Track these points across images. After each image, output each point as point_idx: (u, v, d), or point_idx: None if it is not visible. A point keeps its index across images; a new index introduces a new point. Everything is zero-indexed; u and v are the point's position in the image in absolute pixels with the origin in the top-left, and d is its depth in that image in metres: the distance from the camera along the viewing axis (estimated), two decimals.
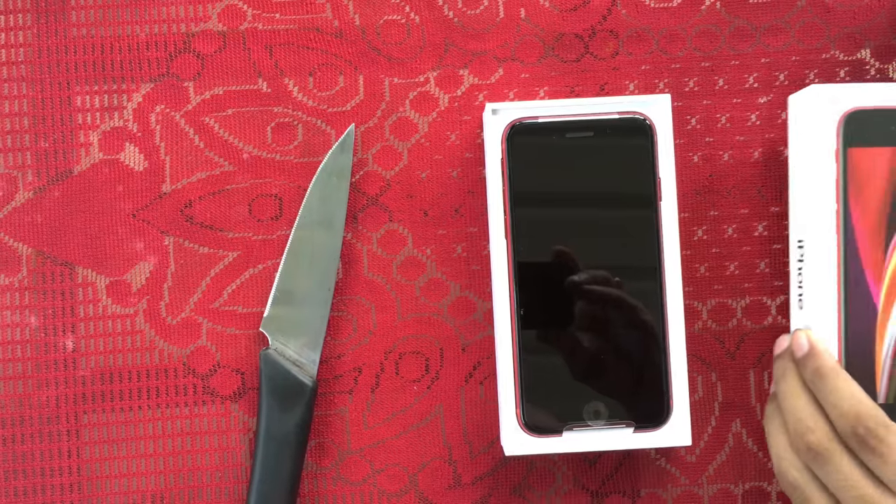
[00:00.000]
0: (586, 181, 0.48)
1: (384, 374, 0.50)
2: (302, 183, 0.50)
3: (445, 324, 0.50)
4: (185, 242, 0.50)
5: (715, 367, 0.51)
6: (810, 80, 0.51)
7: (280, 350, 0.49)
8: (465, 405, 0.50)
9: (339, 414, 0.50)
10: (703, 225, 0.51)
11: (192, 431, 0.50)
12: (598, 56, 0.51)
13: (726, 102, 0.51)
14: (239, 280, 0.50)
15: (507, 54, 0.51)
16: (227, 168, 0.51)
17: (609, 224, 0.48)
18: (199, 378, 0.50)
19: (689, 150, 0.51)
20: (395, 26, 0.51)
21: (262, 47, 0.51)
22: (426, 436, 0.50)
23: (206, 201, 0.50)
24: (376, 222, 0.51)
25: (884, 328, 0.45)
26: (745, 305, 0.51)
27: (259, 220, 0.50)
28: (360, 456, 0.50)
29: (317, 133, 0.51)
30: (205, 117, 0.51)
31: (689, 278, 0.51)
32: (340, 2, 0.51)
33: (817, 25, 0.51)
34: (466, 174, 0.51)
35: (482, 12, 0.51)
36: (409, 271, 0.51)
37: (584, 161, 0.48)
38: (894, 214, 0.45)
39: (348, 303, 0.50)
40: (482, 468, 0.50)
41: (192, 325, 0.50)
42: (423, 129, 0.51)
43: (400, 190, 0.51)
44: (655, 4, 0.51)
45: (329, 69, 0.51)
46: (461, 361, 0.50)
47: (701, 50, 0.51)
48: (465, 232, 0.51)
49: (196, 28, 0.51)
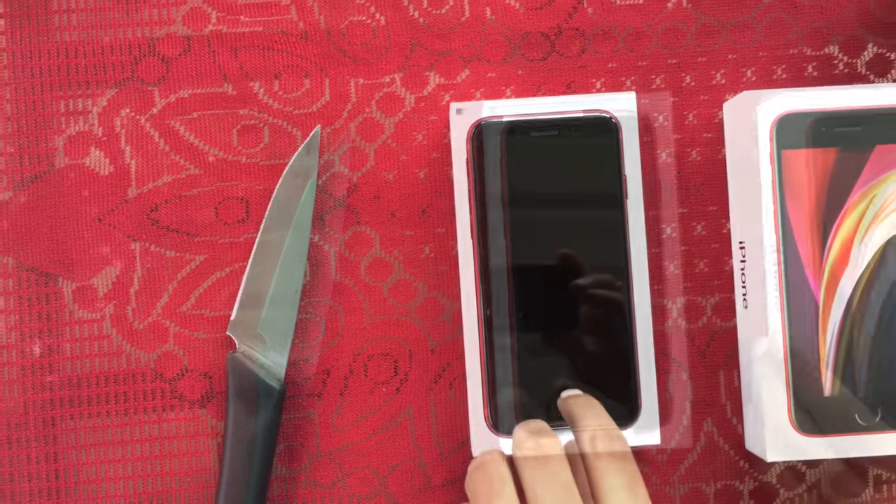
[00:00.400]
0: (552, 180, 0.48)
1: (353, 376, 0.50)
2: (268, 185, 0.50)
3: (414, 325, 0.50)
4: (152, 246, 0.50)
5: (686, 365, 0.50)
6: (778, 76, 0.51)
7: (247, 353, 0.49)
8: (435, 406, 0.50)
9: (308, 417, 0.50)
10: (672, 223, 0.51)
11: (160, 436, 0.50)
12: (565, 54, 0.51)
13: (693, 99, 0.51)
14: (206, 283, 0.50)
15: (473, 54, 0.51)
16: (193, 171, 0.50)
17: (576, 223, 0.48)
18: (167, 382, 0.50)
19: (657, 148, 0.51)
20: (361, 27, 0.51)
21: (227, 50, 0.51)
22: (396, 438, 0.50)
23: (172, 205, 0.50)
24: (343, 224, 0.50)
25: (825, 324, 0.46)
26: (714, 303, 0.50)
27: (225, 223, 0.50)
28: (330, 459, 0.50)
29: (283, 135, 0.50)
30: (170, 121, 0.50)
31: (659, 276, 0.50)
32: (305, 3, 0.51)
33: (784, 21, 0.51)
34: (433, 175, 0.51)
35: (447, 12, 0.51)
36: (377, 273, 0.50)
37: (550, 160, 0.48)
38: (829, 213, 0.46)
39: (316, 305, 0.50)
40: (453, 470, 0.50)
41: (159, 329, 0.50)
42: (389, 130, 0.51)
43: (367, 191, 0.51)
44: (621, 2, 0.51)
45: (294, 71, 0.51)
46: (430, 363, 0.50)
47: (667, 47, 0.51)
48: (432, 232, 0.50)
49: (160, 31, 0.51)
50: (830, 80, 0.51)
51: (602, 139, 0.48)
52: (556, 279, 0.47)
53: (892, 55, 0.51)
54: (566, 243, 0.47)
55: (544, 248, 0.48)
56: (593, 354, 0.47)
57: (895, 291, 0.46)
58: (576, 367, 0.47)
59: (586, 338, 0.47)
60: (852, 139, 0.47)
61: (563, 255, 0.47)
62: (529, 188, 0.48)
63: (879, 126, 0.47)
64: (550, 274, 0.47)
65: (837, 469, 0.50)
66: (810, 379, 0.46)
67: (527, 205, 0.48)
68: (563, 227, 0.48)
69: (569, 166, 0.48)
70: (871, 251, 0.46)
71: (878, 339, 0.46)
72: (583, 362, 0.47)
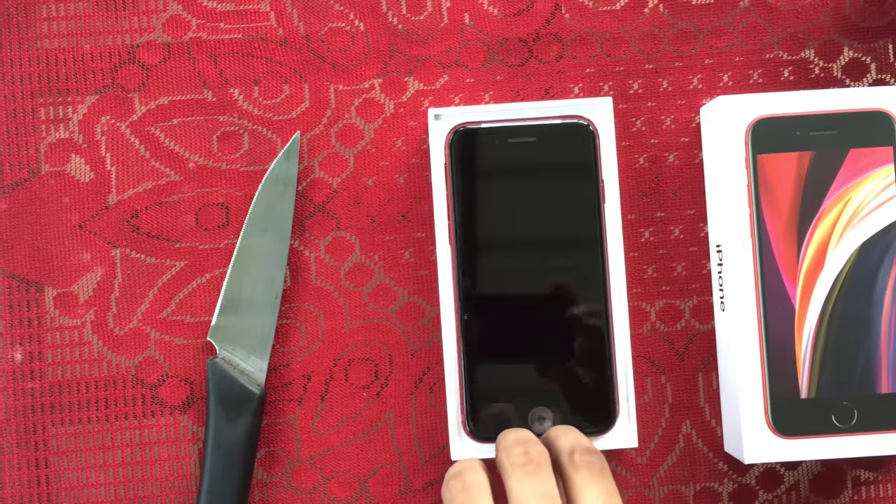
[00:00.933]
0: (530, 185, 0.48)
1: (333, 381, 0.50)
2: (248, 191, 0.50)
3: (394, 329, 0.51)
4: (132, 253, 0.50)
5: (664, 368, 0.51)
6: (754, 81, 0.51)
7: (227, 359, 0.49)
8: (415, 411, 0.50)
9: (289, 422, 0.50)
10: (650, 227, 0.51)
11: (141, 442, 0.50)
12: (543, 60, 0.51)
13: (671, 104, 0.51)
14: (186, 289, 0.50)
15: (452, 59, 0.51)
16: (174, 178, 0.51)
17: (553, 228, 0.48)
18: (148, 388, 0.50)
19: (635, 153, 0.51)
20: (340, 33, 0.51)
21: (207, 57, 0.51)
22: (376, 442, 0.50)
23: (152, 211, 0.50)
24: (323, 229, 0.51)
25: (801, 326, 0.46)
26: (692, 306, 0.51)
27: (206, 229, 0.50)
28: (311, 464, 0.50)
29: (263, 141, 0.51)
30: (150, 127, 0.51)
31: (637, 280, 0.51)
32: (285, 10, 0.51)
33: (760, 25, 0.51)
34: (413, 180, 0.51)
35: (426, 18, 0.51)
36: (358, 278, 0.51)
37: (528, 165, 0.48)
38: (804, 215, 0.47)
39: (297, 310, 0.50)
40: (433, 473, 0.50)
41: (139, 335, 0.50)
42: (368, 136, 0.51)
43: (347, 197, 0.51)
44: (599, 8, 0.51)
45: (274, 77, 0.51)
46: (410, 367, 0.50)
47: (645, 52, 0.51)
48: (412, 237, 0.51)
49: (140, 39, 0.51)
50: (807, 84, 0.51)
51: (579, 144, 0.48)
52: (534, 284, 0.47)
53: (867, 59, 0.51)
54: (544, 248, 0.48)
55: (522, 252, 0.48)
56: (570, 359, 0.47)
57: (870, 294, 0.47)
58: (554, 371, 0.47)
59: (563, 342, 0.47)
60: (827, 143, 0.47)
61: (540, 260, 0.47)
62: (507, 193, 0.48)
63: (854, 130, 0.47)
64: (528, 279, 0.47)
65: (816, 471, 0.51)
66: (787, 381, 0.46)
67: (504, 210, 0.48)
68: (540, 231, 0.48)
69: (546, 171, 0.48)
70: (847, 254, 0.47)
71: (854, 341, 0.47)
72: (561, 366, 0.47)
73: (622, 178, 0.51)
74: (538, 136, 0.48)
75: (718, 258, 0.49)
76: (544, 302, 0.47)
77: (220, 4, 0.51)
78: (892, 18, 0.51)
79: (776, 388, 0.47)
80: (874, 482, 0.51)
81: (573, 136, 0.48)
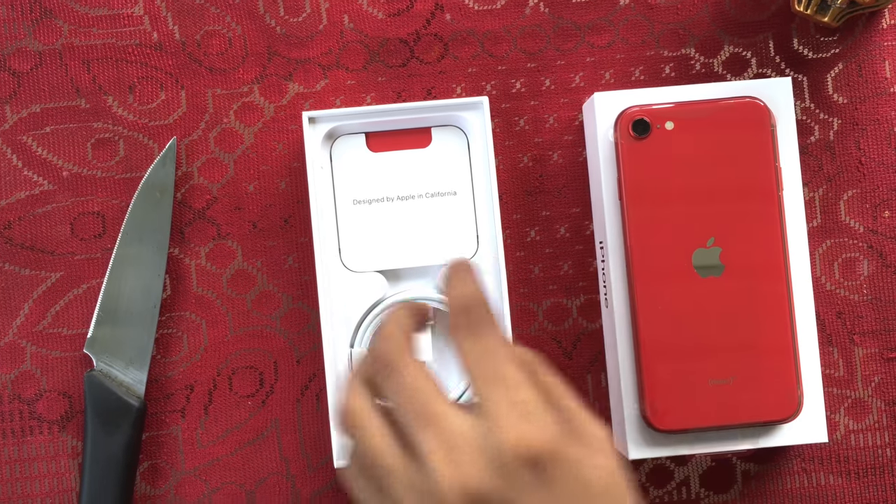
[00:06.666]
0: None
1: (217, 390, 0.49)
2: (125, 199, 0.49)
3: (279, 336, 0.50)
4: (6, 265, 0.49)
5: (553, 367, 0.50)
6: (636, 78, 0.51)
7: (105, 371, 0.48)
8: (302, 418, 0.50)
9: (172, 434, 0.49)
10: (536, 226, 0.51)
11: (20, 458, 0.49)
12: (424, 60, 0.51)
13: (554, 103, 0.51)
14: (63, 301, 0.49)
15: (332, 61, 0.50)
16: (47, 187, 0.49)
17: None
18: (25, 403, 0.49)
19: (519, 152, 0.51)
20: (216, 37, 0.50)
21: (80, 63, 0.50)
22: (263, 451, 0.49)
23: (25, 222, 0.49)
24: (204, 236, 0.50)
25: None
26: (580, 304, 0.51)
27: (82, 238, 0.49)
28: (195, 476, 0.49)
29: (139, 148, 0.50)
30: (22, 136, 0.49)
31: (524, 279, 0.50)
32: (159, 14, 0.50)
33: (641, 23, 0.51)
34: (294, 184, 0.50)
35: (305, 20, 0.50)
36: (240, 285, 0.50)
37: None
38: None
39: (178, 320, 0.49)
40: (321, 481, 0.50)
41: (15, 349, 0.49)
42: (248, 140, 0.50)
43: (227, 202, 0.50)
44: (479, 7, 0.51)
45: (149, 82, 0.50)
46: (296, 374, 0.50)
47: (526, 51, 0.51)
48: (295, 242, 0.50)
49: (11, 46, 0.49)
50: (688, 80, 0.51)
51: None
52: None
53: (748, 54, 0.51)
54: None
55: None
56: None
57: None
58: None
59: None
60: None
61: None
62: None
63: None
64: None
65: (706, 466, 0.51)
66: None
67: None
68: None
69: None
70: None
71: None
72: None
73: (506, 178, 0.50)
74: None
75: (601, 255, 0.49)
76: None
77: (93, 9, 0.50)
78: (771, 13, 0.51)
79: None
80: (763, 475, 0.51)
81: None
